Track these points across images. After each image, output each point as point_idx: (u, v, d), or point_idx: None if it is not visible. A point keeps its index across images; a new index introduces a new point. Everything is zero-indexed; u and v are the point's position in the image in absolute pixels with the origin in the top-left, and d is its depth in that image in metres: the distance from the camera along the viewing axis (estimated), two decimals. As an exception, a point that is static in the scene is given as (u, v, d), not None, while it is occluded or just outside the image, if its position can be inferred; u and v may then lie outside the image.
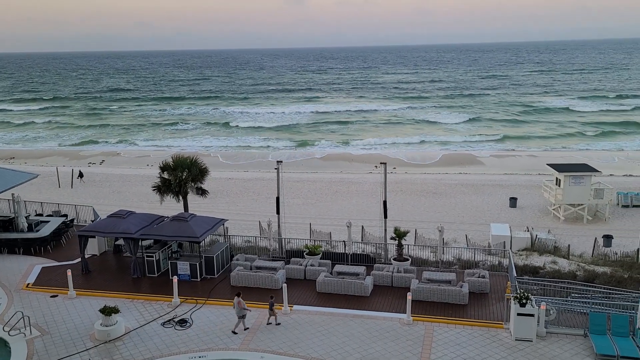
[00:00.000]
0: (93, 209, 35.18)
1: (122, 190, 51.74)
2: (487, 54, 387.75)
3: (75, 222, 33.76)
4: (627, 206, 43.69)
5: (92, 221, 31.79)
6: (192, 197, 34.05)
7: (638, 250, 31.25)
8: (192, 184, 32.05)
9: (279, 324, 20.59)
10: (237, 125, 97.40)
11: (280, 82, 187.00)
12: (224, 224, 28.13)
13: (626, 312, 19.46)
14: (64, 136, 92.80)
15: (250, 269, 25.16)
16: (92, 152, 77.24)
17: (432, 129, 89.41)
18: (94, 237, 27.08)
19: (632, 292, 21.72)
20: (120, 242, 28.15)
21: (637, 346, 17.82)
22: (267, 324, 20.54)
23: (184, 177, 31.48)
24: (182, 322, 20.99)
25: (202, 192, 32.71)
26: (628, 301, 20.73)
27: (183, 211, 31.29)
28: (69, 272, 23.68)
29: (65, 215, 33.77)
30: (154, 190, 32.55)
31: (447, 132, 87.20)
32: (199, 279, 25.07)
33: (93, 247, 28.25)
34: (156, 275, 25.79)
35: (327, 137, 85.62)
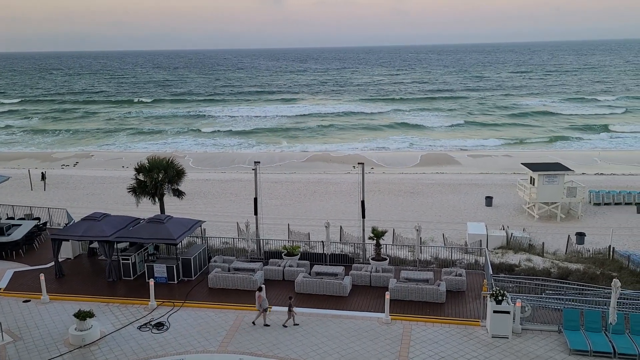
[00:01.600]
0: (67, 211, 34.52)
1: (97, 192, 50.92)
2: (464, 55, 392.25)
3: (48, 225, 33.09)
4: (598, 204, 44.66)
5: (66, 224, 31.22)
6: (168, 199, 33.72)
7: (610, 247, 31.97)
8: (169, 186, 31.73)
9: (297, 324, 20.48)
10: (217, 129, 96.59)
11: (259, 83, 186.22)
12: (201, 226, 27.89)
13: (598, 308, 19.87)
14: (37, 138, 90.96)
15: (228, 271, 24.99)
16: (65, 154, 75.82)
17: (412, 130, 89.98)
18: (67, 240, 26.54)
19: (604, 288, 22.18)
20: (95, 245, 27.69)
21: (610, 341, 18.21)
22: (284, 326, 20.32)
23: (160, 178, 31.12)
24: (159, 326, 20.73)
25: (178, 194, 32.40)
26: (600, 297, 21.18)
27: (159, 213, 30.94)
28: (42, 277, 23.19)
29: (38, 219, 33.08)
30: (129, 192, 32.12)
31: (426, 132, 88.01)
32: (176, 282, 24.80)
33: (67, 251, 27.72)
34: (132, 278, 25.43)
35: (305, 138, 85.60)
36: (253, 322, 20.61)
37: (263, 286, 21.22)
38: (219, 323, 20.82)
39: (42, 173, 53.54)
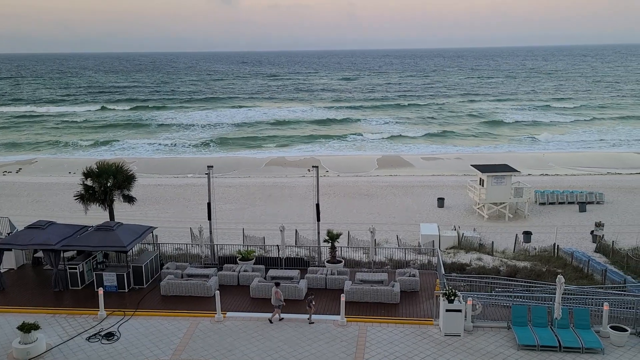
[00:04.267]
0: (9, 220, 32.90)
1: (42, 199, 48.97)
2: (417, 60, 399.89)
3: (-11, 235, 31.50)
4: (544, 203, 46.47)
5: (9, 233, 29.78)
6: (118, 205, 32.80)
7: (555, 244, 33.30)
8: (119, 191, 30.84)
9: (312, 322, 20.65)
10: (169, 134, 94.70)
11: (212, 88, 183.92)
12: (153, 232, 27.24)
13: (545, 304, 20.63)
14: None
15: (182, 277, 24.49)
16: (5, 160, 72.46)
17: (368, 134, 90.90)
18: (10, 250, 25.37)
19: (550, 285, 23.04)
20: (40, 254, 26.56)
21: (555, 335, 18.92)
22: (310, 323, 20.63)
23: (109, 184, 30.22)
24: (109, 336, 20.08)
25: (129, 200, 31.55)
26: (546, 293, 22.00)
27: (109, 220, 30.03)
28: (-18, 289, 22.04)
29: (-22, 228, 31.44)
30: (76, 198, 31.04)
31: (378, 134, 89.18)
32: (126, 290, 24.09)
33: (10, 261, 26.46)
34: (80, 287, 24.53)
35: (261, 143, 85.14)
36: (270, 321, 20.73)
37: (280, 282, 21.61)
38: (172, 331, 20.36)
39: None
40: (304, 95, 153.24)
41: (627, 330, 18.74)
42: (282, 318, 20.91)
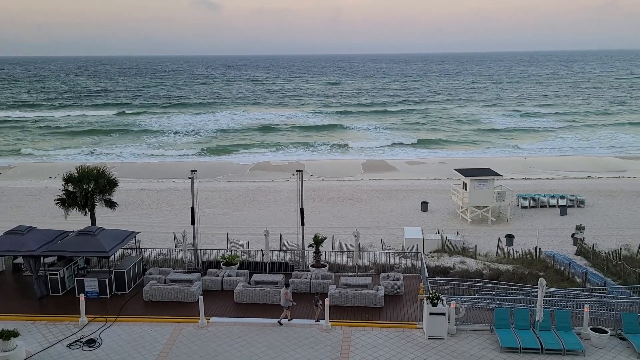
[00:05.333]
0: (-12, 225, 32.44)
1: (22, 204, 48.23)
2: (402, 64, 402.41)
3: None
4: (525, 207, 47.00)
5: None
6: (100, 210, 32.44)
7: (536, 247, 33.69)
8: (100, 196, 30.49)
9: (318, 321, 20.86)
10: (153, 138, 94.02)
11: (197, 91, 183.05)
12: (135, 237, 26.95)
13: (527, 306, 20.84)
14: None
15: (165, 283, 24.25)
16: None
17: (354, 138, 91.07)
18: (-12, 256, 24.91)
19: (532, 287, 23.28)
20: (20, 260, 26.13)
21: (537, 337, 19.11)
22: (316, 322, 20.92)
23: (90, 189, 29.86)
24: (91, 342, 19.80)
25: (111, 205, 31.21)
26: (528, 295, 22.23)
27: (90, 225, 29.66)
28: (-40, 296, 21.60)
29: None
30: (57, 203, 30.62)
31: (366, 139, 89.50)
32: (108, 296, 23.79)
33: (-12, 267, 25.99)
34: (61, 294, 24.17)
35: (245, 146, 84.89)
36: (279, 322, 20.80)
37: (290, 284, 22.03)
38: (155, 337, 20.15)
39: None
40: (289, 100, 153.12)
41: (607, 332, 19.00)
42: (291, 319, 21.06)
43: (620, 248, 33.64)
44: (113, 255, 24.60)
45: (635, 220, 42.78)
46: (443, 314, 19.56)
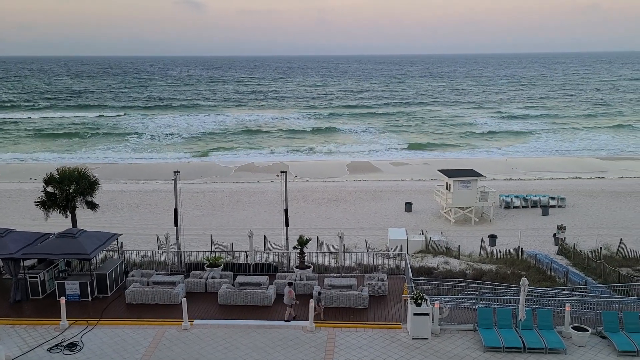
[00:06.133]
0: (-35, 228, 31.78)
1: (1, 206, 47.39)
2: (389, 66, 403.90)
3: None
4: (508, 207, 47.47)
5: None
6: (82, 212, 31.99)
7: (519, 247, 34.03)
8: (81, 198, 30.07)
9: (322, 320, 21.13)
10: (136, 139, 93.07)
11: (182, 92, 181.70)
12: (117, 239, 26.64)
13: (509, 306, 21.03)
14: None
15: (147, 285, 24.02)
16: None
17: (338, 139, 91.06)
18: (-34, 259, 24.40)
19: (514, 287, 23.52)
20: (-1, 263, 25.66)
21: (520, 337, 19.30)
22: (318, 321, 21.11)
23: (71, 190, 29.45)
24: (72, 346, 19.51)
25: (92, 206, 30.80)
26: (511, 295, 22.44)
27: (71, 227, 29.25)
28: (-64, 300, 21.14)
29: None
30: (37, 205, 30.14)
31: (351, 141, 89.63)
32: (90, 299, 23.48)
33: (-34, 271, 25.47)
34: (41, 297, 23.79)
35: (229, 147, 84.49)
36: (286, 320, 21.14)
37: (292, 282, 22.38)
38: (138, 340, 19.92)
39: None
40: (274, 102, 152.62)
41: (588, 331, 19.25)
42: (295, 316, 21.35)
43: (601, 247, 34.15)
44: (95, 258, 24.30)
45: (614, 220, 43.47)
46: (427, 314, 19.65)
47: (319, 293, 21.73)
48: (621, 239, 35.09)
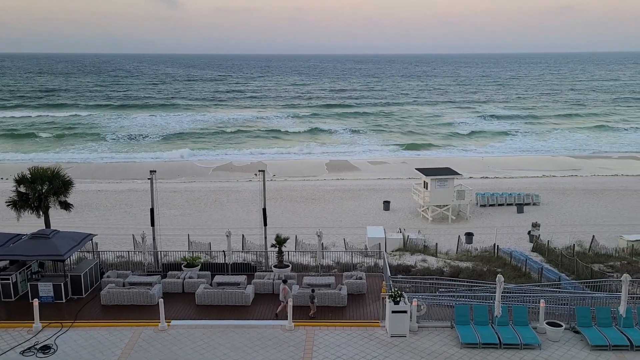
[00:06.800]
0: None
1: (-29, 207, 46.12)
2: (369, 65, 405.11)
3: None
4: (484, 205, 48.09)
5: None
6: (55, 212, 31.39)
7: (495, 245, 34.50)
8: (55, 198, 29.49)
9: (313, 317, 21.34)
10: (111, 138, 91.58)
11: (158, 90, 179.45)
12: (92, 239, 26.20)
13: (486, 302, 21.31)
14: None
15: (123, 286, 23.69)
16: None
17: (317, 138, 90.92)
18: None
19: (490, 284, 23.82)
20: (-31, 265, 25.00)
21: (496, 333, 19.57)
22: (311, 317, 21.39)
23: (44, 190, 28.85)
24: (45, 349, 19.12)
25: (66, 206, 30.23)
26: (487, 292, 22.73)
27: (44, 228, 28.66)
28: None
29: None
30: (8, 205, 29.47)
31: (330, 140, 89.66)
32: (64, 300, 23.05)
33: None
34: (13, 299, 23.28)
35: (207, 146, 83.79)
36: (276, 315, 21.55)
37: (287, 279, 22.67)
38: (113, 342, 19.63)
39: None
40: (252, 101, 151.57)
41: (561, 326, 19.62)
42: (277, 315, 21.61)
43: (574, 244, 34.83)
44: (69, 259, 23.88)
45: (587, 217, 44.39)
46: (405, 311, 19.78)
47: (312, 291, 21.76)
48: (593, 236, 35.84)
